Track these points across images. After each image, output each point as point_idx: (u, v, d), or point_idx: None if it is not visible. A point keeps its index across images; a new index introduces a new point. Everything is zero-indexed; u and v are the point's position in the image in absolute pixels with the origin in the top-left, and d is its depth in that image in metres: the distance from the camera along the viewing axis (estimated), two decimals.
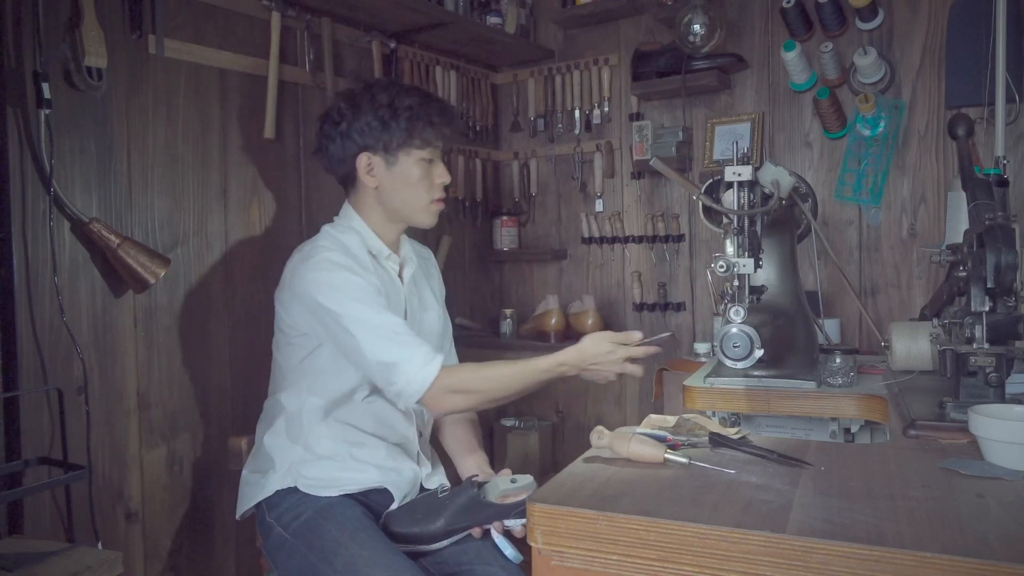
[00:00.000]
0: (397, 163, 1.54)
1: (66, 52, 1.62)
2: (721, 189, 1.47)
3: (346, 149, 1.55)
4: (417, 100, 1.54)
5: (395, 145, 1.53)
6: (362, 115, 1.53)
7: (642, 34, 2.74)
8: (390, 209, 1.58)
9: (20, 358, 1.56)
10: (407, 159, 1.54)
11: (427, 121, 1.54)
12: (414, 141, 1.53)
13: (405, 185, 1.55)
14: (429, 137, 1.54)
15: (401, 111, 1.52)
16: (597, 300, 2.71)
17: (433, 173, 1.58)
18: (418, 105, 1.54)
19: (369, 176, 1.55)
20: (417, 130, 1.53)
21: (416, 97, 1.55)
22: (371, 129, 1.53)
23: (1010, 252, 1.10)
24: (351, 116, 1.54)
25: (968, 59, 2.13)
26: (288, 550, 1.42)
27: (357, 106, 1.54)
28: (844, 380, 1.50)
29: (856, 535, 0.75)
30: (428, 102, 1.56)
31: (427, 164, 1.56)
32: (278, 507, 1.47)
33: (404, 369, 1.38)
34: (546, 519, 0.88)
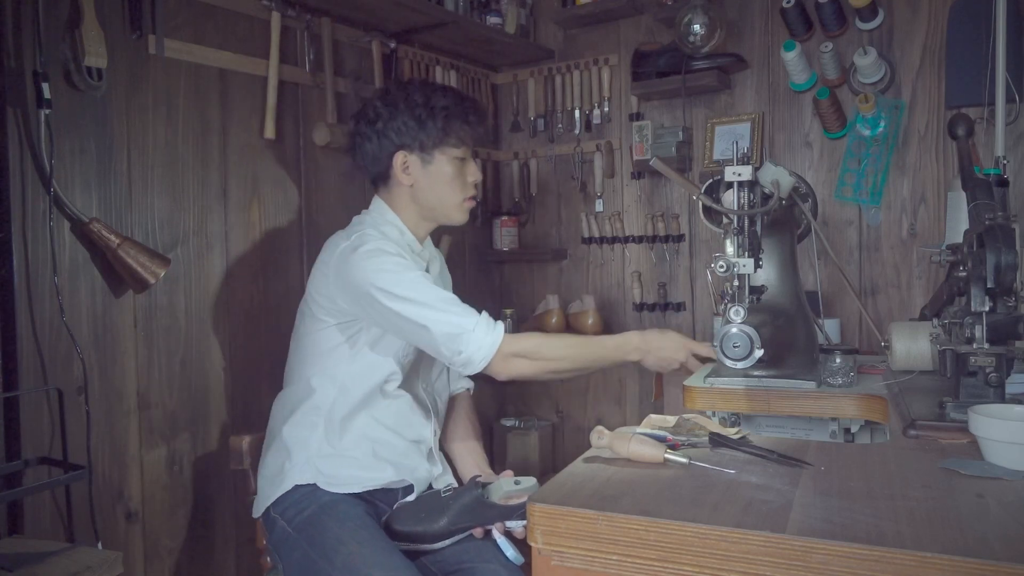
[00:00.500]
0: (433, 161, 1.58)
1: (66, 52, 1.62)
2: (721, 189, 1.47)
3: (382, 148, 1.58)
4: (452, 99, 1.59)
5: (431, 144, 1.57)
6: (399, 114, 1.56)
7: (642, 34, 2.74)
8: (425, 207, 1.61)
9: (20, 358, 1.56)
10: (442, 157, 1.58)
11: (463, 120, 1.58)
12: (450, 139, 1.57)
13: (440, 183, 1.59)
14: (464, 136, 1.59)
15: (438, 110, 1.56)
16: (597, 300, 2.71)
17: (466, 171, 1.62)
18: (453, 104, 1.58)
19: (405, 174, 1.58)
20: (453, 129, 1.57)
21: (451, 96, 1.59)
22: (407, 128, 1.56)
23: (1010, 252, 1.10)
24: (387, 115, 1.57)
25: (968, 59, 2.13)
26: (291, 544, 1.43)
27: (394, 105, 1.57)
28: (844, 380, 1.50)
29: (856, 535, 0.75)
30: (462, 101, 1.60)
31: (460, 163, 1.60)
32: (283, 502, 1.48)
33: (470, 337, 1.42)
34: (546, 519, 0.88)
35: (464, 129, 1.59)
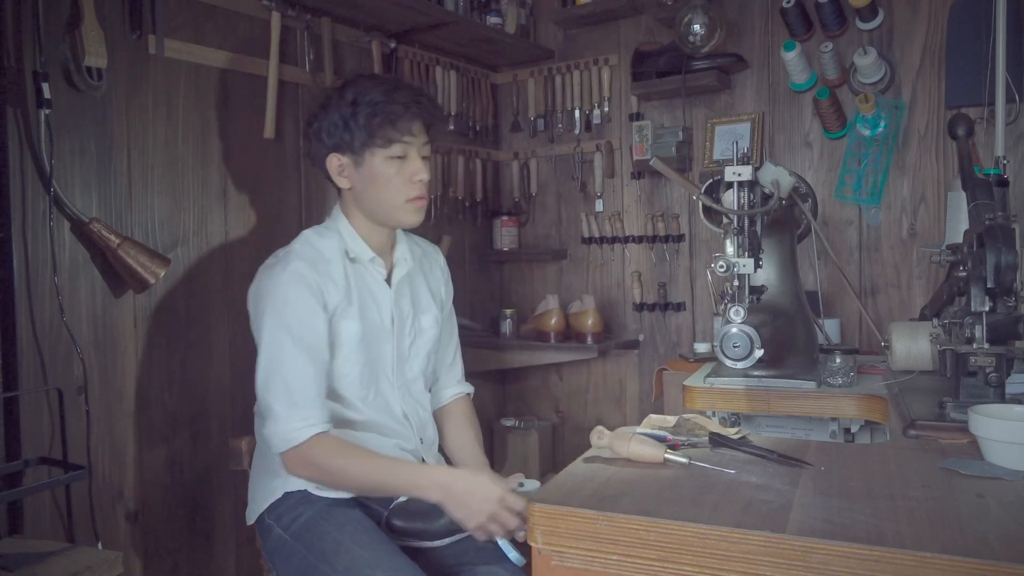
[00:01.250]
0: (364, 163, 1.47)
1: (66, 52, 1.62)
2: (721, 189, 1.47)
3: (318, 150, 1.51)
4: (381, 95, 1.44)
5: (358, 145, 1.46)
6: (328, 114, 1.47)
7: (642, 34, 2.74)
8: (368, 211, 1.52)
9: (20, 358, 1.56)
10: (372, 159, 1.46)
11: (387, 118, 1.44)
12: (376, 140, 1.45)
13: (375, 185, 1.48)
14: (392, 135, 1.45)
15: (362, 108, 1.44)
16: (597, 300, 2.71)
17: (406, 170, 1.48)
18: (381, 101, 1.44)
19: (341, 178, 1.51)
20: (376, 128, 1.44)
21: (381, 91, 1.45)
22: (335, 129, 1.46)
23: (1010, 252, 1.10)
24: (322, 116, 1.49)
25: (968, 59, 2.13)
26: (288, 551, 1.42)
27: (326, 105, 1.49)
28: (844, 380, 1.50)
29: (856, 535, 0.75)
30: (392, 96, 1.45)
31: (399, 161, 1.47)
32: (277, 508, 1.47)
33: (275, 425, 1.37)
34: (546, 519, 0.88)
35: (389, 128, 1.44)
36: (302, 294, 1.41)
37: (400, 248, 1.59)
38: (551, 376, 2.98)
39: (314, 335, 1.41)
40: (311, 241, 1.51)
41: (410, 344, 1.58)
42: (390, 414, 1.54)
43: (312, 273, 1.43)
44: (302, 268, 1.42)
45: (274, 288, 1.42)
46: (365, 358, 1.50)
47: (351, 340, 1.47)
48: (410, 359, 1.58)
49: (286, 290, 1.41)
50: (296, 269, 1.42)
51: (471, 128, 2.84)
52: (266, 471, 1.53)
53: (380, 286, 1.54)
